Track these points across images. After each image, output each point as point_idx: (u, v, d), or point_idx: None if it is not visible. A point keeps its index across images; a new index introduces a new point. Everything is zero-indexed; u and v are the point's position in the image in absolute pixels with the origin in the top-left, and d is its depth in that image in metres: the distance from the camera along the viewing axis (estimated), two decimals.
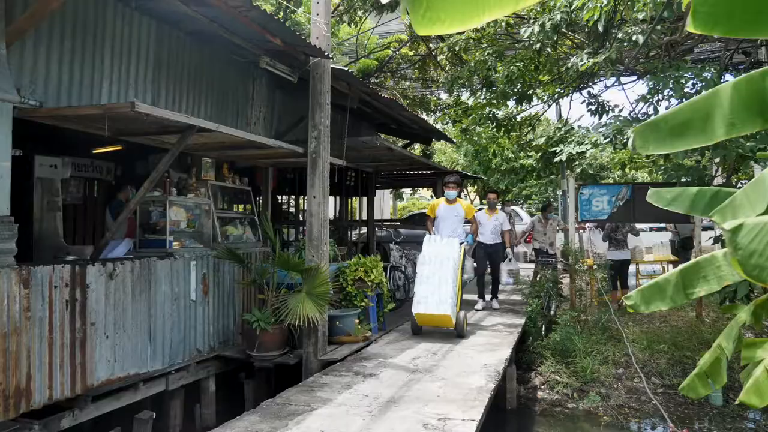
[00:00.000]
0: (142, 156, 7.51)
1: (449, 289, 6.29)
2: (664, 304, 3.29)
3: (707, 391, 2.84)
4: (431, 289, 6.31)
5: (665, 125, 2.85)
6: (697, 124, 2.70)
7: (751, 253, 1.36)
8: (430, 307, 6.23)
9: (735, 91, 2.57)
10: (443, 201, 7.44)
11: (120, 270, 4.71)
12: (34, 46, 4.07)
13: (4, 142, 3.80)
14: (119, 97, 4.75)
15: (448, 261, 6.53)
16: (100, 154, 8.38)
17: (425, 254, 6.68)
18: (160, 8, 4.94)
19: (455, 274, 6.51)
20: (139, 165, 8.16)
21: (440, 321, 6.35)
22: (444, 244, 6.77)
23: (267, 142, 5.30)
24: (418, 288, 6.44)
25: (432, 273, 6.45)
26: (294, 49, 5.39)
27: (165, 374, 5.27)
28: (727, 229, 1.42)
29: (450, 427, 3.38)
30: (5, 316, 3.75)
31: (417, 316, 6.39)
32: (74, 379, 4.28)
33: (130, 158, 8.55)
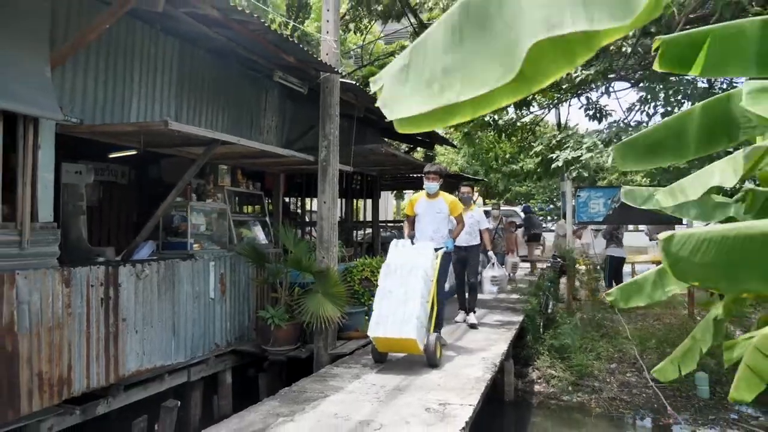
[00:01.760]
0: (155, 160, 7.93)
1: (416, 307, 5.06)
2: (642, 300, 3.66)
3: (674, 376, 3.21)
4: (394, 306, 5.12)
5: (642, 144, 3.23)
6: (670, 143, 3.09)
7: (678, 260, 1.75)
8: (391, 329, 4.99)
9: (704, 113, 2.96)
10: (423, 195, 6.12)
11: (148, 270, 5.14)
12: (73, 69, 4.50)
13: (48, 156, 4.23)
14: (147, 112, 5.18)
15: (418, 271, 5.27)
16: (115, 158, 8.82)
17: (389, 263, 5.46)
18: (183, 29, 5.35)
19: (427, 287, 5.30)
20: (152, 169, 8.60)
21: (404, 346, 5.11)
22: (414, 251, 5.56)
23: (281, 152, 5.73)
24: (378, 305, 5.23)
25: (396, 286, 5.25)
26: (306, 65, 5.82)
27: (187, 367, 5.69)
28: (661, 239, 1.82)
29: (449, 411, 3.80)
30: (50, 312, 4.18)
31: (375, 341, 5.17)
32: (108, 369, 4.71)
33: (143, 162, 8.97)
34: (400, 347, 5.19)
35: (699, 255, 1.64)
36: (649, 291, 3.54)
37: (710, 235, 1.65)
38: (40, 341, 4.09)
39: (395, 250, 5.63)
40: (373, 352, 5.39)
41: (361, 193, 12.21)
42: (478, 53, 1.23)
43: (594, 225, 11.14)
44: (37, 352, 4.07)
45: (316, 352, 6.01)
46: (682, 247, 1.72)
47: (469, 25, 1.26)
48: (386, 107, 1.34)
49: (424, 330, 5.17)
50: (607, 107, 9.22)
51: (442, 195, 6.11)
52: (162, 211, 5.12)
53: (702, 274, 1.68)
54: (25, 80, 3.97)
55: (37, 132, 4.10)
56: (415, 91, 1.33)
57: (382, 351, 5.32)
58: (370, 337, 5.22)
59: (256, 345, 6.35)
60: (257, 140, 6.35)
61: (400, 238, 6.02)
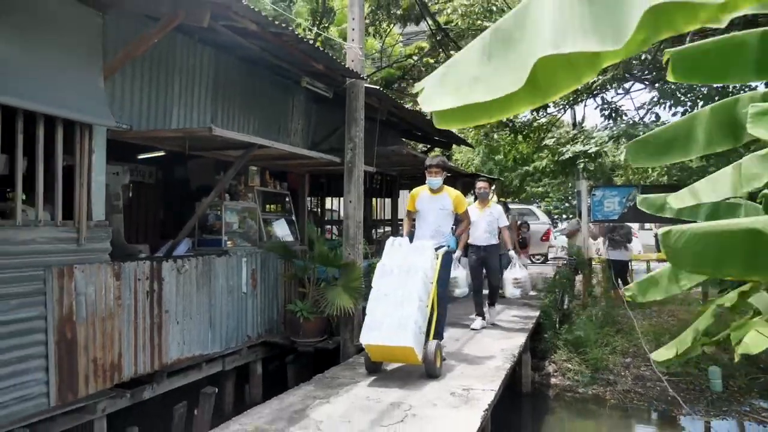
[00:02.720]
0: (181, 161, 8.33)
1: (413, 311, 4.63)
2: (658, 294, 3.92)
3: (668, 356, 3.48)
4: (389, 310, 4.70)
5: (653, 142, 3.50)
6: (680, 142, 3.36)
7: (674, 250, 2.03)
8: (386, 336, 4.58)
9: (712, 115, 3.22)
10: (425, 190, 5.66)
11: (187, 266, 5.50)
12: (122, 79, 4.87)
13: (101, 159, 4.60)
14: (186, 118, 5.55)
15: (416, 272, 4.85)
16: (143, 159, 9.23)
17: (385, 263, 5.07)
18: (219, 39, 5.70)
19: (426, 289, 4.88)
20: (178, 169, 8.99)
21: (400, 355, 4.69)
22: (412, 250, 5.14)
23: (311, 154, 6.06)
24: (371, 309, 4.84)
25: (392, 288, 4.83)
26: (333, 71, 6.14)
27: (222, 357, 6.05)
28: (660, 233, 2.10)
29: (473, 395, 4.10)
30: (103, 303, 4.55)
31: (368, 349, 4.78)
32: (153, 357, 5.08)
33: (170, 163, 9.38)
34: (395, 356, 4.75)
35: (691, 246, 1.93)
36: (666, 285, 3.80)
37: (700, 230, 1.94)
38: (94, 330, 4.46)
39: (391, 249, 5.18)
40: (365, 361, 4.94)
41: (381, 193, 12.52)
42: (500, 67, 1.54)
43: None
44: (92, 340, 4.44)
45: (343, 343, 6.34)
46: (677, 240, 2.01)
47: (496, 44, 1.57)
48: (425, 102, 1.67)
49: (423, 337, 4.72)
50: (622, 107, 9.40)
51: (446, 189, 5.63)
52: (201, 211, 5.47)
53: (693, 261, 1.97)
54: (81, 91, 4.34)
55: (91, 138, 4.46)
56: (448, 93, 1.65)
57: (375, 360, 4.86)
58: (362, 344, 4.79)
59: (285, 337, 6.70)
60: (285, 142, 6.69)
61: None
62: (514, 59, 1.50)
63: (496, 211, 7.07)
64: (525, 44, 1.46)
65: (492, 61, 1.56)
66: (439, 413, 3.75)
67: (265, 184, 7.40)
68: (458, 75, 1.65)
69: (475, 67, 1.59)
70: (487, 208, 7.03)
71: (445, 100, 1.65)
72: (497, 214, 7.03)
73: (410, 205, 5.79)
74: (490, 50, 1.58)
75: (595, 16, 1.30)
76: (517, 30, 1.52)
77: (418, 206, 5.67)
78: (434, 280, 5.05)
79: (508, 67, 1.50)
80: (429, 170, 5.59)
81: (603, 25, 1.29)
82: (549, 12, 1.39)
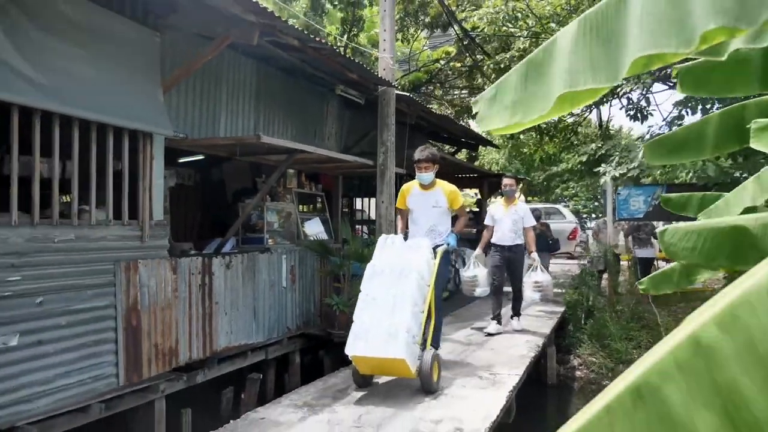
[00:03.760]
0: (217, 164, 8.86)
1: (405, 317, 4.09)
2: (669, 288, 4.23)
3: None
4: (378, 316, 4.16)
5: (668, 142, 3.83)
6: (692, 144, 3.68)
7: (670, 245, 2.38)
8: (374, 347, 4.05)
9: (721, 119, 3.55)
10: (416, 185, 5.13)
11: (234, 262, 5.99)
12: (177, 91, 5.37)
13: (160, 165, 5.11)
14: (232, 125, 6.03)
15: (410, 273, 4.31)
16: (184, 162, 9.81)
17: (375, 263, 4.56)
18: (260, 51, 6.18)
19: (421, 293, 4.34)
20: (214, 172, 9.54)
21: (392, 368, 4.14)
22: (406, 248, 4.62)
23: (346, 158, 6.49)
24: (359, 315, 4.34)
25: (383, 292, 4.30)
26: (366, 80, 6.56)
27: (264, 346, 6.51)
28: (658, 231, 2.46)
29: (499, 379, 4.47)
30: (162, 295, 5.05)
31: (355, 361, 4.26)
32: (205, 344, 5.57)
33: (207, 166, 9.94)
34: (385, 369, 4.23)
35: (684, 241, 2.28)
36: (677, 279, 4.11)
37: (693, 227, 2.29)
38: (156, 318, 4.96)
39: (383, 247, 4.65)
40: (353, 375, 4.42)
41: None
42: (534, 93, 1.93)
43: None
44: (154, 327, 4.95)
45: None
46: (673, 236, 2.37)
47: (531, 73, 1.96)
48: (480, 123, 2.08)
49: (417, 347, 4.15)
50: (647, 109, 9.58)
51: (439, 184, 5.09)
52: (247, 211, 5.95)
53: (687, 254, 2.32)
54: (144, 104, 4.85)
55: (152, 145, 4.97)
56: (496, 114, 2.05)
57: (363, 372, 4.34)
58: (348, 356, 4.23)
59: (322, 329, 7.14)
60: (320, 146, 7.14)
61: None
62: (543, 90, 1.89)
63: (522, 209, 6.72)
64: (549, 78, 1.85)
65: (527, 89, 1.96)
66: (467, 393, 4.14)
67: (302, 186, 7.86)
68: (503, 99, 2.05)
69: (514, 92, 1.99)
70: (513, 206, 6.66)
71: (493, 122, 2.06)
72: (523, 212, 6.66)
73: (400, 202, 5.27)
74: (526, 79, 1.98)
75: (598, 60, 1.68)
76: (545, 64, 1.92)
77: (409, 204, 5.17)
78: (431, 282, 4.47)
79: (538, 96, 1.90)
80: (418, 165, 5.00)
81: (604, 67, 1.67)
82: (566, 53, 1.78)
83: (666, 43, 1.47)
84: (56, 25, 4.10)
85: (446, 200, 5.05)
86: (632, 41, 1.52)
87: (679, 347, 0.97)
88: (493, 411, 3.77)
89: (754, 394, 0.87)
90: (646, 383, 0.98)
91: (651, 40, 1.48)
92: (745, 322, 0.90)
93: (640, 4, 1.53)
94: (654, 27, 1.48)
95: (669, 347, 0.99)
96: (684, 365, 0.95)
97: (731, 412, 0.89)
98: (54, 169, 4.17)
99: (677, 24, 1.46)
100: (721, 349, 0.91)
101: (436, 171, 5.06)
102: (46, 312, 4.02)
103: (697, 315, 1.00)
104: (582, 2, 8.51)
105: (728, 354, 0.90)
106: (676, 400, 0.94)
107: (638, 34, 1.51)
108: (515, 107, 1.93)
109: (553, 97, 1.78)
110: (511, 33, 9.44)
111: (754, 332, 0.88)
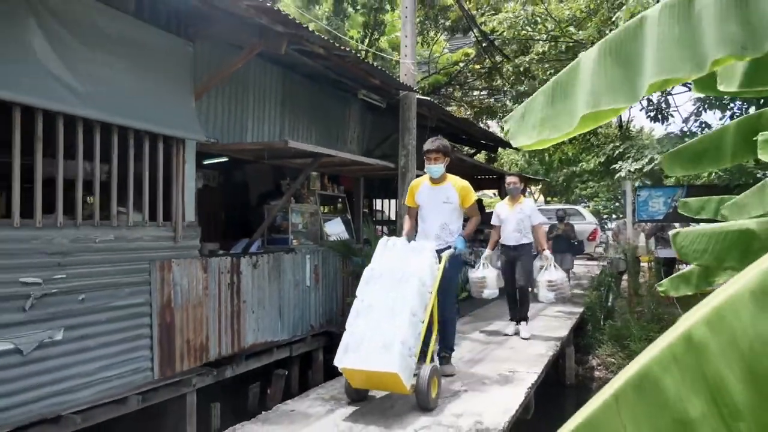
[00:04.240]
0: (240, 166, 9.11)
1: (402, 327, 3.75)
2: (689, 290, 4.33)
3: None
4: (373, 325, 3.84)
5: (686, 153, 3.94)
6: (710, 153, 3.78)
7: (682, 247, 2.52)
8: (365, 359, 3.73)
9: (738, 128, 3.65)
10: (426, 181, 4.88)
11: (261, 261, 6.21)
12: (207, 98, 5.60)
13: (191, 169, 5.35)
14: (258, 130, 6.26)
15: (410, 278, 3.96)
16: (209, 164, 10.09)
17: (374, 267, 4.22)
18: (286, 59, 6.38)
19: (422, 301, 3.97)
20: (237, 173, 9.80)
21: (384, 382, 3.81)
22: (408, 251, 4.25)
23: (369, 161, 6.68)
24: (351, 323, 4.04)
25: (379, 299, 3.96)
26: (388, 85, 6.73)
27: (289, 344, 6.73)
28: (671, 234, 2.59)
29: (518, 376, 4.61)
30: (194, 293, 5.28)
31: (346, 374, 3.96)
32: (233, 341, 5.79)
33: (229, 168, 10.20)
34: (378, 383, 3.90)
35: (696, 244, 2.42)
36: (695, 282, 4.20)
37: (704, 230, 2.43)
38: (188, 315, 5.20)
39: (383, 250, 4.32)
40: (345, 388, 4.11)
41: None
42: (560, 112, 2.08)
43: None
44: (186, 324, 5.18)
45: None
46: (685, 239, 2.51)
47: (557, 94, 2.12)
48: (511, 139, 2.24)
49: (413, 360, 3.80)
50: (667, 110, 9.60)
51: (450, 179, 4.80)
52: (274, 213, 6.17)
53: (698, 256, 2.45)
54: (177, 111, 5.08)
55: (184, 150, 5.21)
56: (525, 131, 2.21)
57: (356, 387, 4.03)
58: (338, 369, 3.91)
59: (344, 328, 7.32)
60: (342, 149, 7.34)
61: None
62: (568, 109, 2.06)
63: (528, 207, 6.45)
64: (574, 98, 2.01)
65: (554, 107, 2.12)
66: (487, 389, 4.29)
67: (324, 188, 8.07)
68: (531, 117, 2.21)
69: (542, 110, 2.15)
70: (518, 205, 6.41)
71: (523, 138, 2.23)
72: (529, 210, 6.40)
73: (409, 199, 4.98)
74: (552, 98, 2.14)
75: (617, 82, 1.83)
76: (569, 85, 2.08)
77: (418, 200, 4.86)
78: (434, 289, 4.12)
79: (563, 114, 2.06)
80: (427, 156, 4.73)
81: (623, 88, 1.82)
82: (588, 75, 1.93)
83: (680, 68, 1.62)
84: (98, 39, 4.35)
85: (458, 196, 4.72)
86: (649, 65, 1.67)
87: (675, 343, 1.13)
88: (512, 406, 3.92)
89: (735, 383, 1.02)
90: (647, 374, 1.15)
91: (666, 65, 1.63)
92: (729, 322, 1.06)
93: (655, 31, 1.68)
94: (668, 53, 1.63)
95: (666, 342, 1.15)
96: (679, 359, 1.11)
97: (716, 398, 1.05)
98: (95, 172, 4.42)
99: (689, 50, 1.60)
100: (709, 346, 1.07)
101: (446, 164, 4.77)
102: (88, 308, 4.27)
103: (692, 314, 1.15)
104: (601, 5, 8.58)
105: (715, 350, 1.06)
106: (672, 388, 1.11)
107: (654, 59, 1.66)
108: (543, 125, 2.09)
109: (577, 116, 1.94)
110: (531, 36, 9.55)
111: (737, 331, 1.04)
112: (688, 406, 1.09)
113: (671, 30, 1.63)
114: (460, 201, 4.72)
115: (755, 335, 1.01)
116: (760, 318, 1.01)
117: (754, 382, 1.01)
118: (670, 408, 1.11)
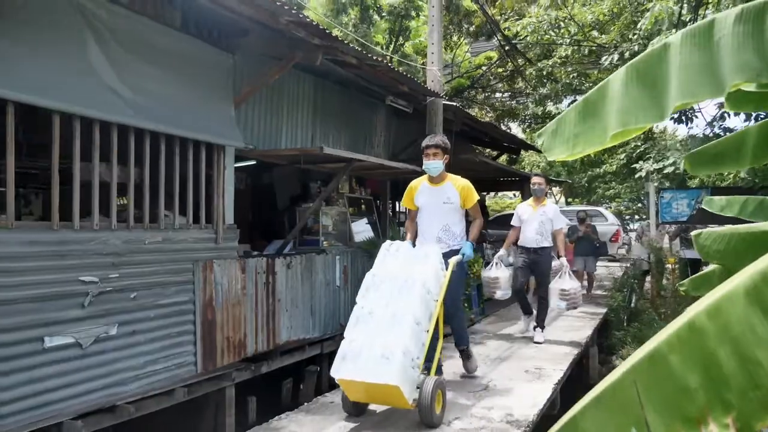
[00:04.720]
0: (267, 169, 9.39)
1: (403, 336, 3.54)
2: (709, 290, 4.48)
3: None
4: (372, 334, 3.65)
5: (708, 153, 4.09)
6: (731, 154, 3.93)
7: (704, 246, 2.70)
8: (363, 370, 3.53)
9: (759, 131, 3.79)
10: (425, 181, 4.65)
11: (294, 262, 6.47)
12: (245, 107, 5.88)
13: (230, 173, 5.62)
14: (292, 136, 6.52)
15: (414, 285, 3.76)
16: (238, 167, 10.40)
17: (375, 273, 4.04)
18: (319, 68, 6.63)
19: (426, 308, 3.77)
20: (265, 176, 10.08)
21: (384, 395, 3.59)
22: (412, 257, 4.06)
23: (398, 165, 6.91)
24: (350, 331, 3.92)
25: (381, 306, 3.76)
26: (415, 92, 6.95)
27: (320, 341, 6.98)
28: (693, 234, 2.77)
29: (544, 373, 4.79)
30: (233, 292, 5.56)
31: (343, 385, 3.81)
32: (269, 338, 6.06)
33: (258, 170, 10.50)
34: (377, 396, 3.66)
35: (717, 244, 2.60)
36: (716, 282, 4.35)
37: (725, 231, 2.61)
38: (228, 313, 5.47)
39: (386, 255, 4.12)
40: (342, 401, 3.94)
41: None
42: (590, 129, 2.29)
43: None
44: (226, 321, 5.45)
45: None
46: (707, 239, 2.69)
47: (588, 111, 2.32)
48: (546, 152, 2.45)
49: (417, 372, 3.58)
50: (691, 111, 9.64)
51: (450, 178, 4.58)
52: (307, 215, 6.43)
53: (719, 256, 2.64)
54: (218, 119, 5.37)
55: (224, 156, 5.49)
56: (559, 144, 2.42)
57: (353, 399, 3.83)
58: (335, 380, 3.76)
59: None
60: (370, 154, 7.59)
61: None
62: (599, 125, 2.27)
63: (551, 210, 6.27)
64: (604, 115, 2.21)
65: (586, 123, 2.33)
66: (515, 385, 4.48)
67: (353, 191, 8.32)
68: (563, 132, 2.42)
69: (574, 126, 2.36)
70: (542, 207, 6.24)
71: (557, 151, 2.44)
72: (552, 214, 6.21)
73: (407, 201, 4.73)
74: (584, 115, 2.34)
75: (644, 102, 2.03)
76: (600, 103, 2.28)
77: (417, 202, 4.63)
78: (440, 297, 3.91)
79: (594, 130, 2.27)
80: (426, 152, 4.46)
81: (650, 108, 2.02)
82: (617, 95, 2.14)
83: (701, 92, 1.83)
84: (148, 53, 4.64)
85: (458, 196, 4.49)
86: (673, 88, 1.88)
87: (681, 327, 1.44)
88: (539, 400, 4.11)
89: (726, 359, 1.32)
90: (657, 352, 1.46)
91: (689, 88, 1.84)
92: (725, 313, 1.35)
93: (678, 56, 1.88)
94: (690, 77, 1.84)
95: (674, 327, 1.46)
96: (683, 340, 1.42)
97: (710, 371, 1.35)
98: (144, 178, 4.72)
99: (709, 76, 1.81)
100: (707, 330, 1.37)
101: (446, 162, 4.53)
102: (138, 306, 4.56)
103: (696, 305, 1.46)
104: (624, 9, 8.69)
105: (711, 333, 1.36)
106: (676, 363, 1.41)
107: (678, 82, 1.87)
108: (576, 139, 2.30)
109: (608, 132, 2.15)
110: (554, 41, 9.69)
111: (731, 321, 1.33)
112: (688, 378, 1.37)
113: (692, 56, 1.83)
114: (461, 201, 4.50)
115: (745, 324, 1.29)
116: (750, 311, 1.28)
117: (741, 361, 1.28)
118: (674, 379, 1.40)
